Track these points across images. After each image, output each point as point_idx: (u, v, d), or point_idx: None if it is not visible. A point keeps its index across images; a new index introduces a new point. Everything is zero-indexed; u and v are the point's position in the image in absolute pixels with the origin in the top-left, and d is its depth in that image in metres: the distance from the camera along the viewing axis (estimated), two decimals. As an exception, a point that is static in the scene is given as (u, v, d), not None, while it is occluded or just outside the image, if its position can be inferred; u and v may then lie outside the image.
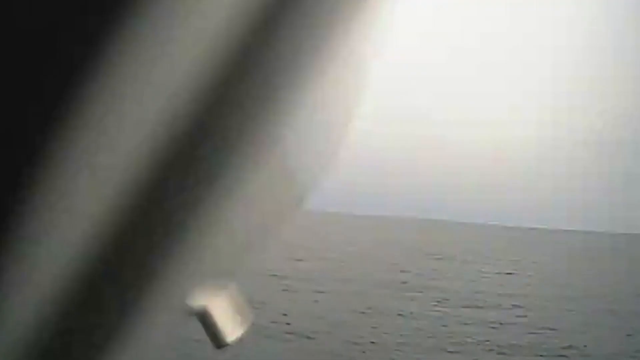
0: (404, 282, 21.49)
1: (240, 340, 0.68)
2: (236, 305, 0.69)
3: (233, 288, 0.68)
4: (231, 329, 0.67)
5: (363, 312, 16.09)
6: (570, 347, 13.73)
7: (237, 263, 0.68)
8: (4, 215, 0.49)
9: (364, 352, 12.28)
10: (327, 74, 0.62)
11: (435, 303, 17.84)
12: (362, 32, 0.65)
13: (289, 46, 0.57)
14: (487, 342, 13.42)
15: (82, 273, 0.52)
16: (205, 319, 0.65)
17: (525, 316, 16.83)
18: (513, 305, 18.38)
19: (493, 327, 15.08)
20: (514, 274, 27.04)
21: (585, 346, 13.24)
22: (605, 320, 16.42)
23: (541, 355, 12.57)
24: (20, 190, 0.49)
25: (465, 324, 15.42)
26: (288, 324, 13.99)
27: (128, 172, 0.52)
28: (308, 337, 12.90)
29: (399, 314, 15.52)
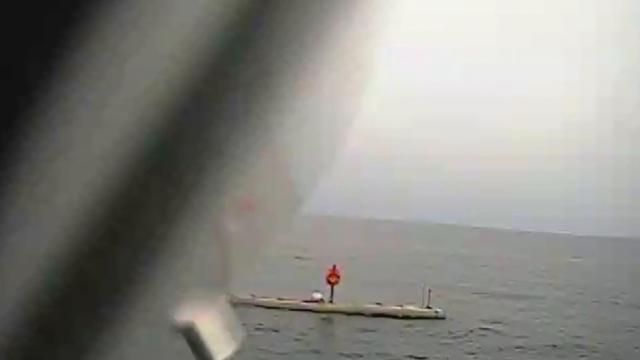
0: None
1: None
2: (226, 321, 0.63)
3: (223, 301, 0.63)
4: (220, 346, 0.62)
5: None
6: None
7: (228, 273, 0.63)
8: None
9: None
10: (327, 72, 0.58)
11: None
12: (363, 31, 0.61)
13: (288, 44, 0.53)
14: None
15: (54, 284, 0.48)
16: (191, 336, 0.60)
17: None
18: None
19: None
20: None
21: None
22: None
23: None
24: None
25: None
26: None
27: (106, 174, 0.48)
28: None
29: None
